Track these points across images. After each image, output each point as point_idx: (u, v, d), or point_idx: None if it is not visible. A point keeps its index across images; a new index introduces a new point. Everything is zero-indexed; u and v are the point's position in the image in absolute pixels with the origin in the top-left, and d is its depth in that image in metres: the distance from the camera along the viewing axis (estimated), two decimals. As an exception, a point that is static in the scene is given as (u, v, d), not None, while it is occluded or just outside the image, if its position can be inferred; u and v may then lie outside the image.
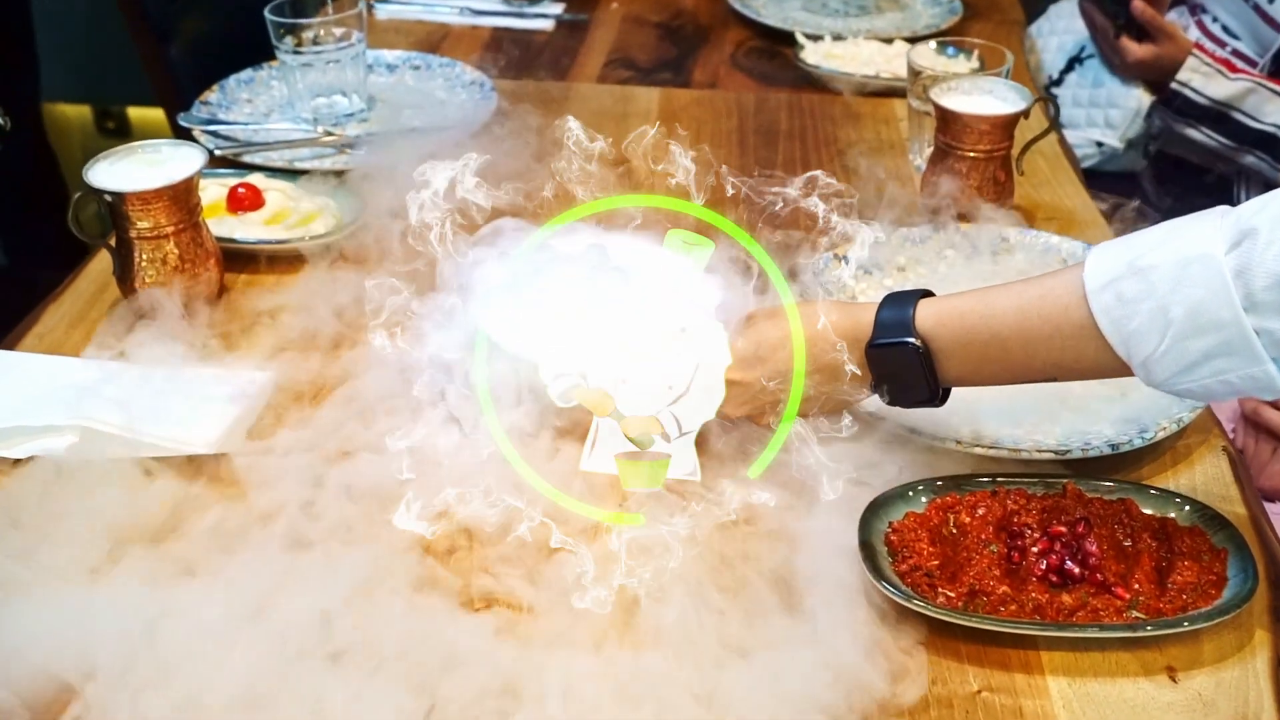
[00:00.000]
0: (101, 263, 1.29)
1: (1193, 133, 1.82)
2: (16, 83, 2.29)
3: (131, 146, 1.21)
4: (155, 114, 2.17)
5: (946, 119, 1.26)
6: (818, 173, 1.01)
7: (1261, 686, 0.81)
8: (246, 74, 1.66)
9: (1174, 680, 0.82)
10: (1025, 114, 1.26)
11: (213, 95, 1.61)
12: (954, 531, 0.90)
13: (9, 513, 0.95)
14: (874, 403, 1.01)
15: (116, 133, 3.08)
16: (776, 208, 1.03)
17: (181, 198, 1.17)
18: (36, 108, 2.43)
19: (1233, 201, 1.87)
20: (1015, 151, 1.31)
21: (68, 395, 1.05)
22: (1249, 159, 1.80)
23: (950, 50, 1.54)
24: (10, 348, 1.15)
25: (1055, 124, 1.33)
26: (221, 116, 1.57)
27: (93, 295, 1.25)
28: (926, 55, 1.48)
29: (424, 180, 1.00)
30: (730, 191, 1.03)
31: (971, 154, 1.27)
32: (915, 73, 1.43)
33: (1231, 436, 1.07)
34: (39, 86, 2.45)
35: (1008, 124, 1.26)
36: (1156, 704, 0.80)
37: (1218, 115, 1.79)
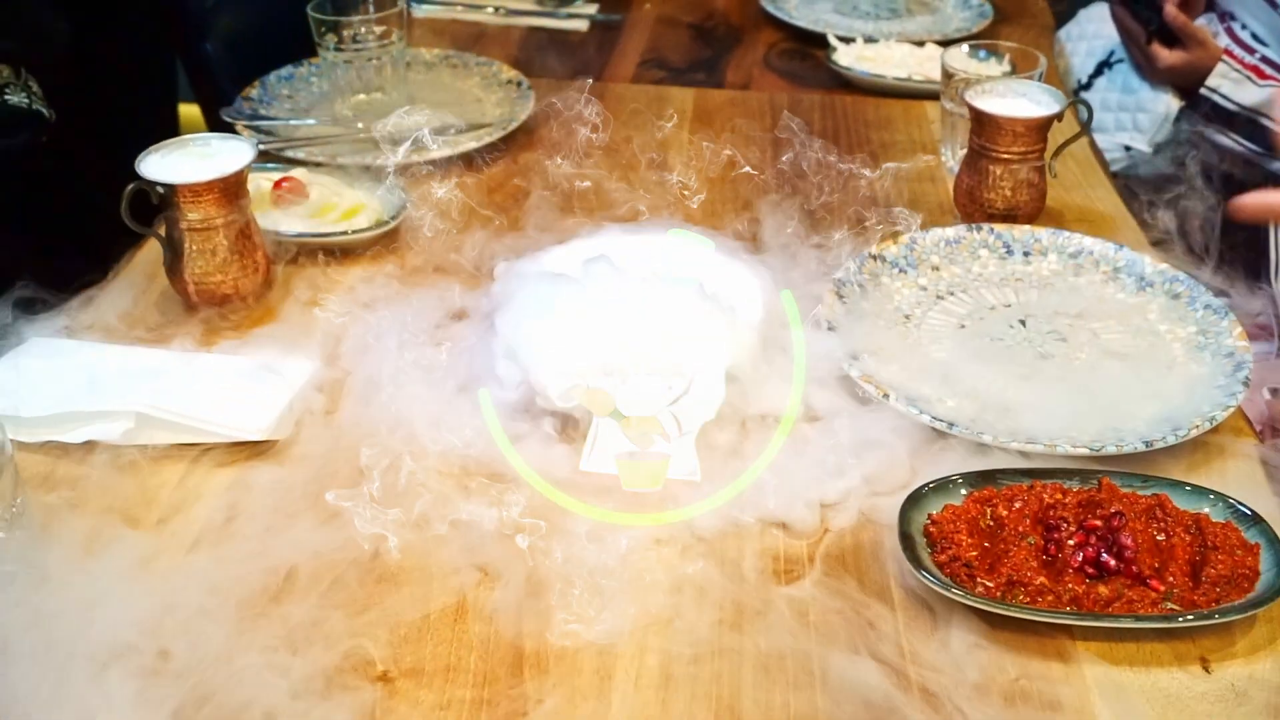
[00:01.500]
0: (149, 254, 1.32)
1: (1222, 139, 1.83)
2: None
3: (183, 139, 1.23)
4: (189, 110, 2.19)
5: (981, 121, 1.28)
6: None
7: (1294, 679, 0.83)
8: (286, 70, 1.69)
9: (1207, 671, 0.84)
10: (1059, 117, 1.28)
11: (254, 91, 1.64)
12: (991, 524, 0.92)
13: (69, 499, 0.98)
14: (909, 401, 1.03)
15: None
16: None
17: (232, 190, 1.19)
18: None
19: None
20: (1048, 154, 1.33)
21: (122, 381, 1.07)
22: (1278, 165, 1.81)
23: (982, 54, 1.56)
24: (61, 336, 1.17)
25: (1087, 127, 1.34)
26: (262, 112, 1.60)
27: (141, 285, 1.28)
28: (959, 58, 1.50)
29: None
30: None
31: (1005, 156, 1.28)
32: (949, 75, 1.45)
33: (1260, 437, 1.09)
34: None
35: (1042, 126, 1.28)
36: (1190, 693, 0.82)
37: (1247, 121, 1.80)
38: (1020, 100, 1.30)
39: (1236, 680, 0.83)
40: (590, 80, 1.30)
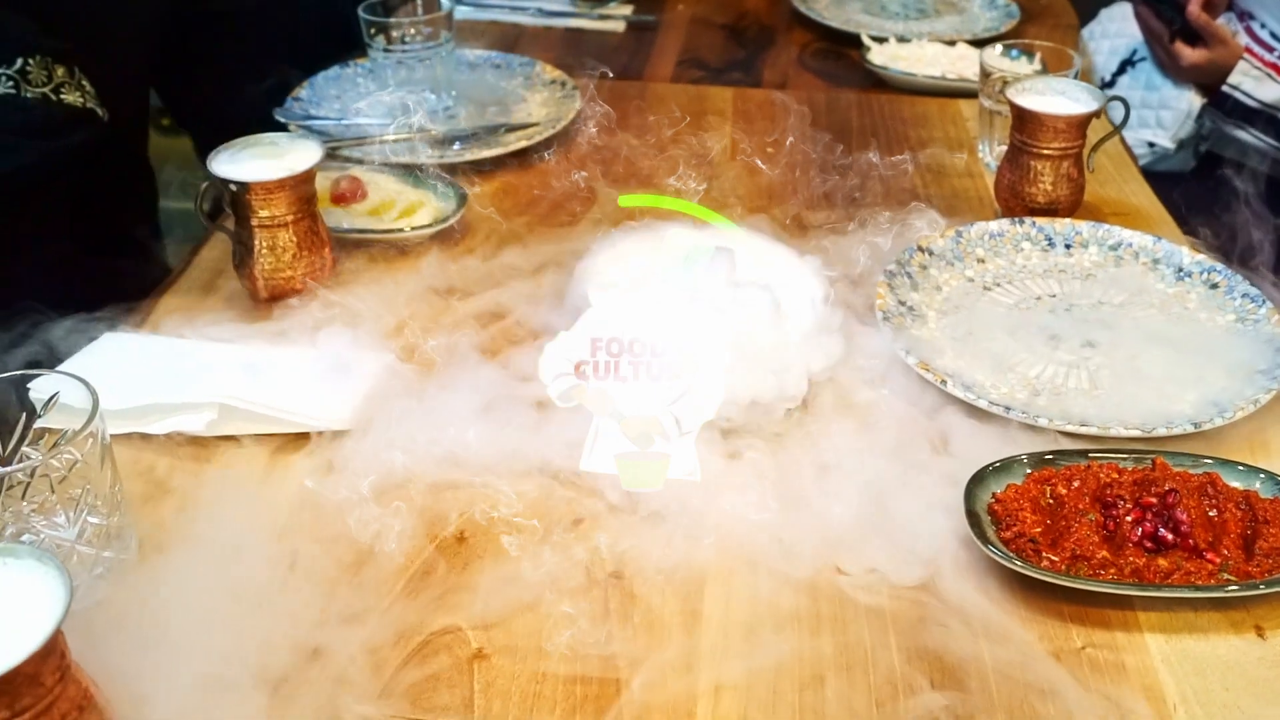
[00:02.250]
0: (213, 250, 1.36)
1: (1243, 134, 1.89)
2: None
3: (250, 139, 1.27)
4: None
5: (1023, 118, 1.33)
6: None
7: (1343, 645, 0.88)
8: (334, 71, 1.73)
9: (1262, 637, 0.88)
10: (1098, 113, 1.33)
11: (303, 92, 1.68)
12: (1051, 502, 0.96)
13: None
14: (965, 388, 1.07)
15: (171, 130, 3.13)
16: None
17: (302, 188, 1.23)
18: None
19: (1278, 202, 1.94)
20: (1086, 150, 1.37)
21: (202, 374, 1.11)
22: (1299, 160, 1.86)
23: (1014, 53, 1.61)
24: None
25: (1124, 123, 1.39)
26: (312, 112, 1.64)
27: (206, 282, 1.31)
28: (993, 57, 1.55)
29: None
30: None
31: (1047, 151, 1.33)
32: (987, 74, 1.49)
33: None
34: None
35: (1082, 123, 1.32)
36: (1248, 659, 0.87)
37: (1268, 118, 1.85)
38: (1059, 98, 1.35)
39: (1290, 646, 0.88)
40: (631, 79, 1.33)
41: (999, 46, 1.57)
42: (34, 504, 0.87)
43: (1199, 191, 1.92)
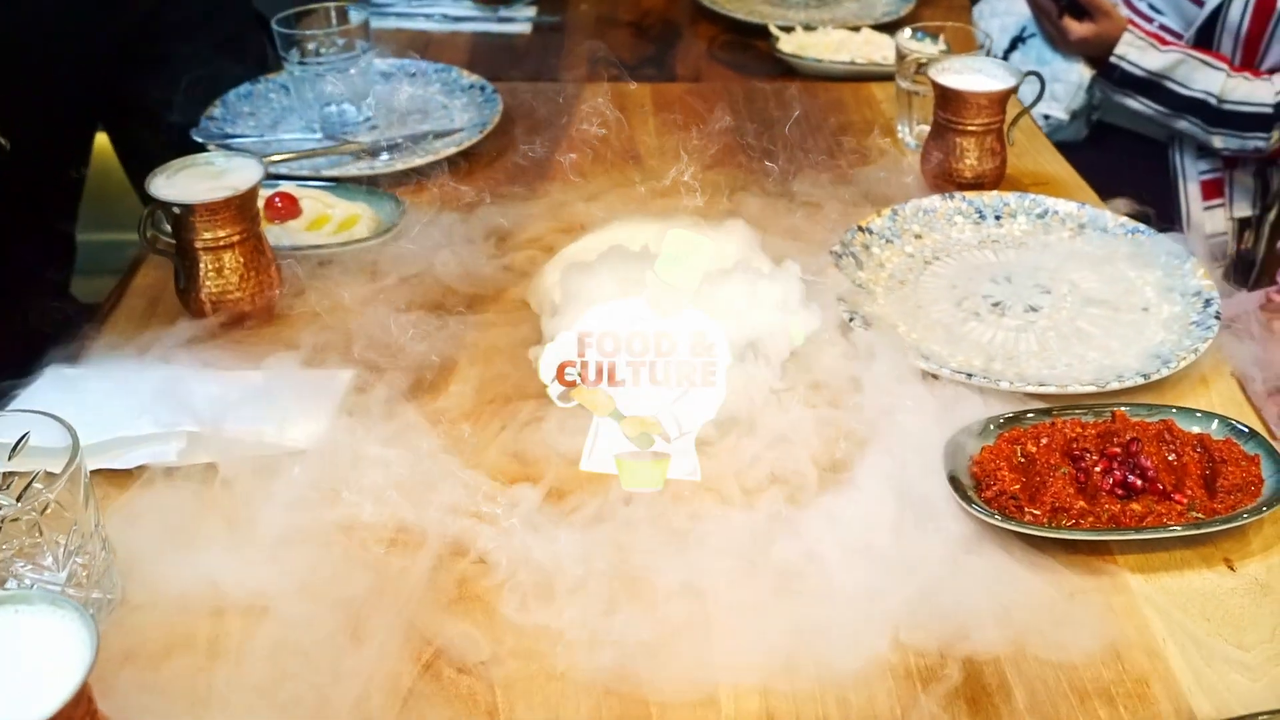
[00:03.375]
0: (146, 277, 1.34)
1: (1131, 102, 1.97)
2: None
3: (186, 160, 1.25)
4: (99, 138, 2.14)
5: (947, 96, 1.38)
6: None
7: (1307, 568, 0.94)
8: (244, 88, 1.71)
9: (1232, 569, 0.94)
10: (1016, 89, 1.38)
11: (216, 110, 1.66)
12: (1023, 460, 1.01)
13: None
14: (924, 359, 1.12)
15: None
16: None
17: (246, 207, 1.22)
18: None
19: (1168, 164, 2.04)
20: (1006, 124, 1.43)
21: (165, 403, 1.07)
22: (1182, 124, 1.96)
23: (920, 35, 1.66)
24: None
25: (1040, 95, 1.45)
26: (228, 130, 1.62)
27: (145, 309, 1.29)
28: (906, 40, 1.60)
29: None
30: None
31: (971, 127, 1.38)
32: (902, 56, 1.54)
33: None
34: None
35: (1003, 98, 1.38)
36: (1222, 590, 0.92)
37: (1153, 85, 1.94)
38: (978, 75, 1.40)
39: (1259, 574, 0.93)
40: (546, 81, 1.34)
41: (908, 30, 1.63)
42: (15, 549, 0.84)
43: (1094, 159, 2.01)
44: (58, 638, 0.71)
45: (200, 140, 1.57)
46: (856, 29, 1.89)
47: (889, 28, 1.91)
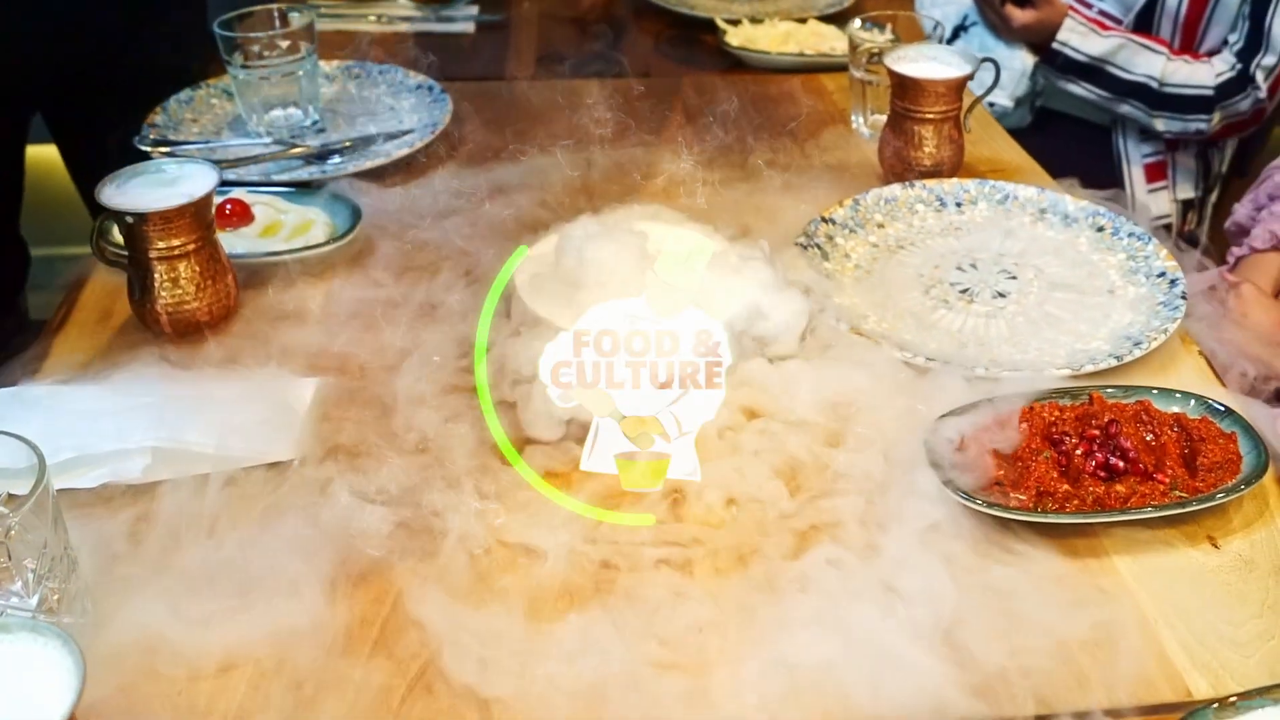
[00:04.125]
0: (96, 290, 1.30)
1: (1074, 88, 1.99)
2: None
3: (136, 168, 1.21)
4: (49, 151, 2.09)
5: (905, 85, 1.38)
6: None
7: (1289, 542, 0.95)
8: (186, 94, 1.67)
9: (1216, 546, 0.95)
10: (973, 75, 1.39)
11: (158, 118, 1.62)
12: (1006, 444, 1.01)
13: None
14: (899, 348, 1.11)
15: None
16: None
17: (201, 215, 1.19)
18: None
19: (1112, 147, 2.06)
20: (963, 112, 1.43)
21: (124, 418, 1.05)
22: (1124, 108, 1.98)
23: (869, 25, 1.66)
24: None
25: (996, 81, 1.46)
26: (170, 137, 1.58)
27: (97, 322, 1.26)
28: (858, 31, 1.60)
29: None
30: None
31: (929, 115, 1.39)
32: (854, 46, 1.54)
33: None
34: None
35: (960, 85, 1.38)
36: (1208, 568, 0.93)
37: (1095, 70, 1.96)
38: (933, 63, 1.40)
39: (1242, 551, 0.94)
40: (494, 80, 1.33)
41: (858, 20, 1.63)
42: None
43: (1039, 145, 2.02)
44: (42, 666, 0.68)
45: (145, 149, 1.53)
46: (802, 21, 1.89)
47: (834, 19, 1.91)
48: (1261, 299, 1.52)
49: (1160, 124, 1.97)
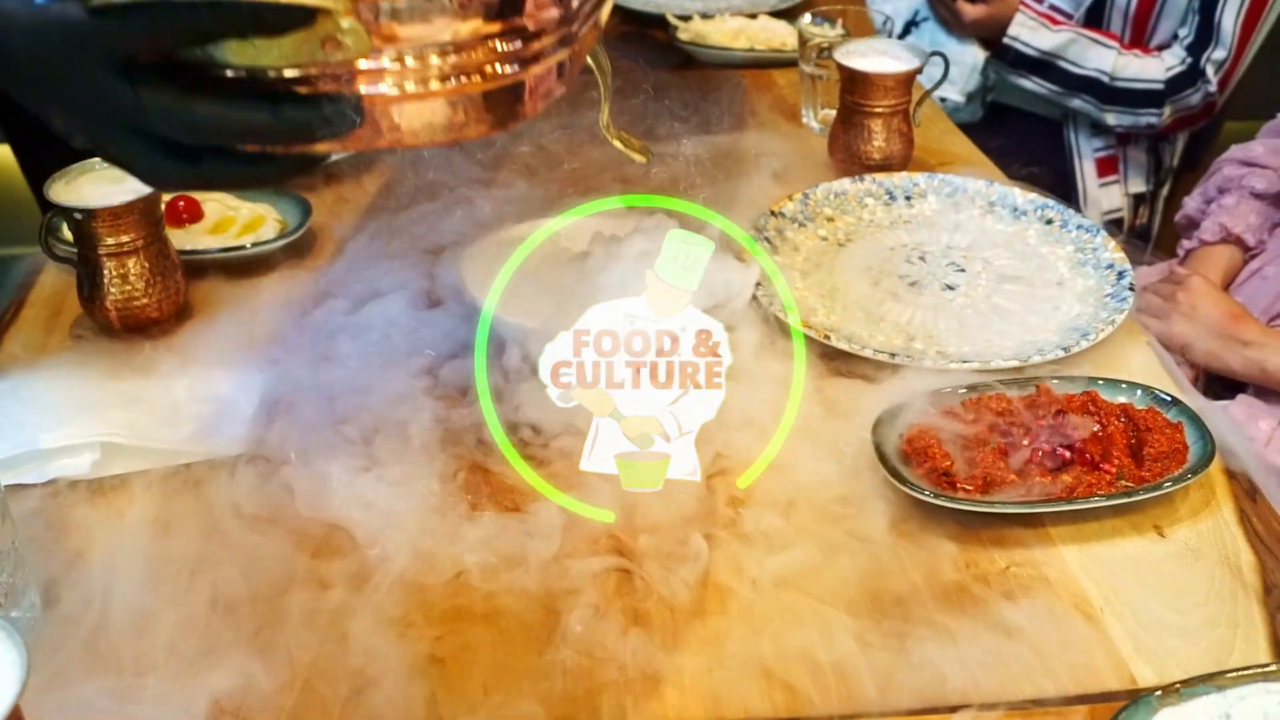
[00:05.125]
0: (46, 288, 1.29)
1: (1025, 82, 2.01)
2: None
3: (85, 164, 1.20)
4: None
5: (854, 79, 1.38)
6: None
7: (1234, 532, 0.95)
8: (133, 91, 1.65)
9: (1162, 535, 0.95)
10: (921, 69, 1.40)
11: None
12: (953, 435, 1.01)
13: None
14: (847, 341, 1.12)
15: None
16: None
17: (150, 211, 1.18)
18: None
19: (1063, 142, 2.08)
20: (912, 105, 1.44)
21: (76, 414, 1.05)
22: (1076, 102, 2.00)
23: (819, 20, 1.67)
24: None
25: (945, 75, 1.46)
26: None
27: (47, 319, 1.25)
28: (808, 26, 1.60)
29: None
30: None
31: (879, 109, 1.39)
32: (804, 41, 1.55)
33: None
34: None
35: (909, 79, 1.39)
36: (1154, 557, 0.94)
37: (1046, 65, 1.98)
38: (883, 58, 1.41)
39: (1189, 540, 0.95)
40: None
41: (808, 16, 1.63)
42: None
43: (990, 140, 2.04)
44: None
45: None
46: (753, 16, 1.90)
47: (785, 14, 1.91)
48: (1211, 291, 1.54)
49: (1111, 118, 1.99)
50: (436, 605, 0.89)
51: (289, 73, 0.61)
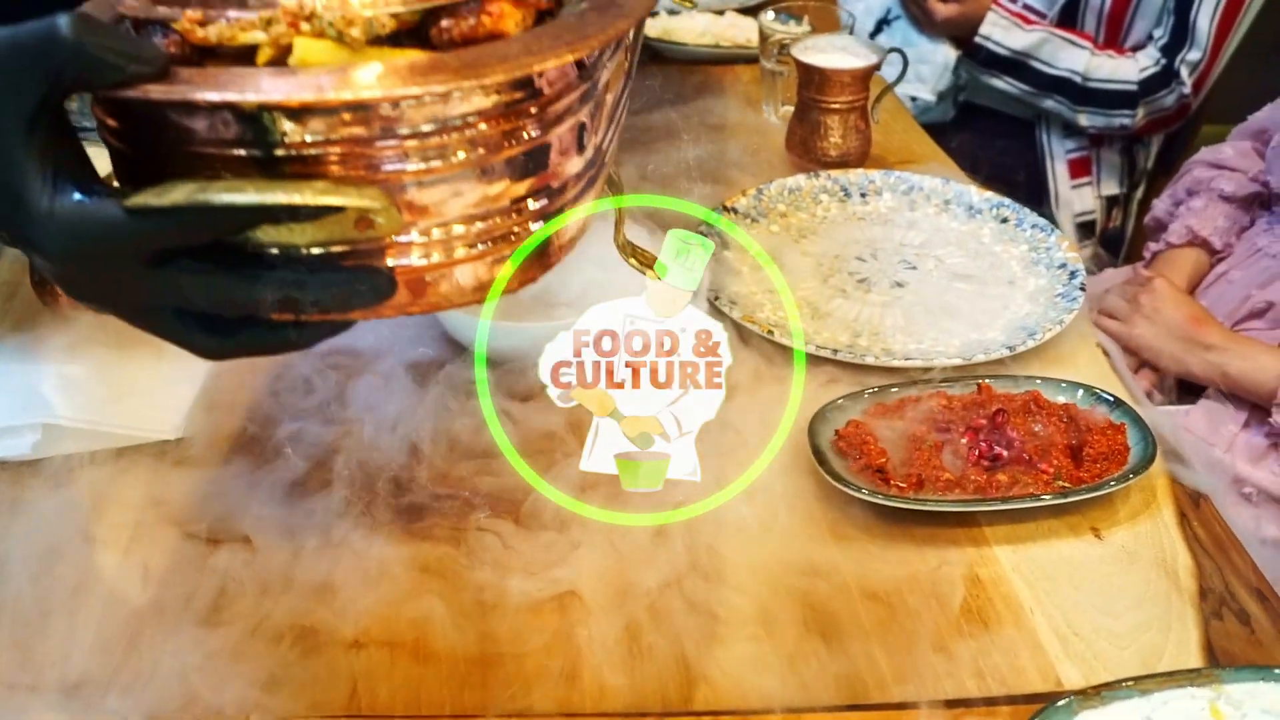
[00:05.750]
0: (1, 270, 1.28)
1: (997, 82, 1.99)
2: None
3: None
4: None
5: (810, 75, 1.37)
6: None
7: (1172, 535, 0.93)
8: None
9: (1099, 537, 0.93)
10: (879, 66, 1.38)
11: (74, 104, 1.58)
12: (890, 433, 0.99)
13: None
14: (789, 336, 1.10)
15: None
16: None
17: (108, 195, 1.16)
18: None
19: (1035, 142, 2.06)
20: (870, 102, 1.42)
21: (15, 395, 1.03)
22: (1048, 103, 1.98)
23: (784, 17, 1.65)
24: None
25: (903, 73, 1.45)
26: (85, 124, 1.55)
27: (3, 300, 1.23)
28: (768, 22, 1.58)
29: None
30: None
31: (835, 106, 1.37)
32: (765, 36, 1.53)
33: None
34: None
35: (866, 76, 1.37)
36: (1089, 559, 0.91)
37: (1018, 64, 1.96)
38: (841, 54, 1.39)
39: (1126, 543, 0.93)
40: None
41: (771, 12, 1.61)
42: None
43: (962, 140, 2.02)
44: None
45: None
46: (721, 12, 1.88)
47: (753, 10, 1.89)
48: (1175, 294, 1.52)
49: (1084, 119, 1.97)
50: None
51: (320, 250, 0.61)
